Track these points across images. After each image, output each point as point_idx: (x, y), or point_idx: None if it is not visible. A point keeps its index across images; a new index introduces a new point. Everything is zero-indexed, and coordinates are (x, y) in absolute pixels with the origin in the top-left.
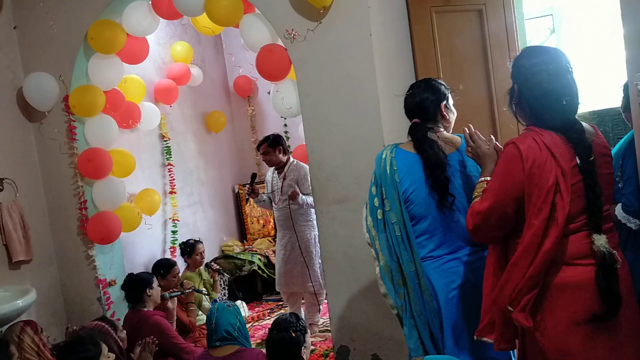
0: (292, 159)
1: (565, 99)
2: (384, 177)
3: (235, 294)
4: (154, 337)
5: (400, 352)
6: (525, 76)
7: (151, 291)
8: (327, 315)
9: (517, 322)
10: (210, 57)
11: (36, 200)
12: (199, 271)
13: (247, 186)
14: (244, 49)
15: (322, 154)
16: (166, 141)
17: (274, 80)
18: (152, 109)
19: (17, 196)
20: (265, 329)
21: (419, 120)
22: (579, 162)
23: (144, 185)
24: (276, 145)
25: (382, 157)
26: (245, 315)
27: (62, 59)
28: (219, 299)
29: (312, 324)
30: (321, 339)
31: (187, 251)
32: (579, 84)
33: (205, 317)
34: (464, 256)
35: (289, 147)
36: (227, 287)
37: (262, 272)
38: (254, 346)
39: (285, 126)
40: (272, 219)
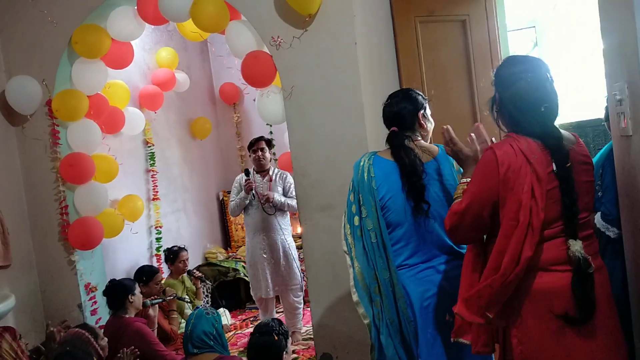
0: (274, 166)
1: (543, 106)
2: (361, 184)
3: (217, 302)
4: (134, 347)
5: None
6: (504, 84)
7: (133, 298)
8: (310, 323)
9: (497, 323)
10: (196, 64)
11: (17, 204)
12: (182, 278)
13: (246, 179)
14: (230, 55)
15: (306, 161)
16: (150, 147)
17: (259, 86)
18: (136, 114)
19: None
20: (247, 337)
21: (397, 128)
22: (555, 168)
23: (127, 191)
24: (270, 145)
25: (360, 165)
26: (227, 323)
27: (46, 63)
28: (201, 307)
29: (295, 332)
30: (304, 347)
31: (170, 258)
32: (560, 94)
33: None
34: (439, 265)
35: (274, 154)
36: (209, 295)
37: (246, 279)
38: (236, 354)
39: (270, 133)
40: None
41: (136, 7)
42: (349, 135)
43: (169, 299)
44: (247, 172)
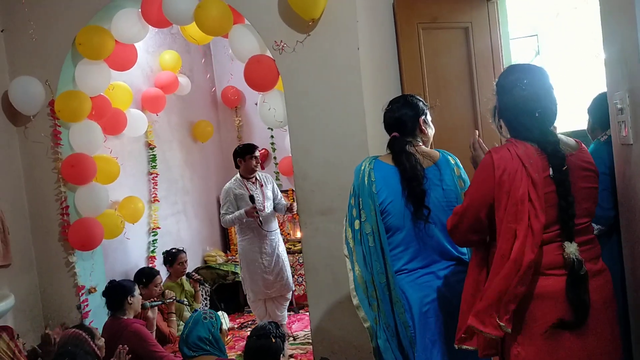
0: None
1: (537, 112)
2: (361, 188)
3: (216, 305)
4: (125, 346)
5: None
6: (503, 92)
7: (132, 299)
8: (309, 327)
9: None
10: (198, 67)
11: (18, 204)
12: (180, 281)
13: (252, 206)
14: (232, 59)
15: (307, 165)
16: (152, 149)
17: (261, 90)
18: (138, 116)
19: None
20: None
21: (398, 134)
22: (552, 172)
23: (127, 192)
24: None
25: (361, 169)
26: (226, 327)
27: (50, 64)
28: (200, 310)
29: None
30: (302, 352)
31: (169, 260)
32: (559, 101)
33: None
34: (439, 270)
35: (275, 158)
36: (208, 298)
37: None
38: (234, 357)
39: (272, 137)
40: None
41: (140, 10)
42: (350, 139)
43: (168, 301)
44: (253, 198)
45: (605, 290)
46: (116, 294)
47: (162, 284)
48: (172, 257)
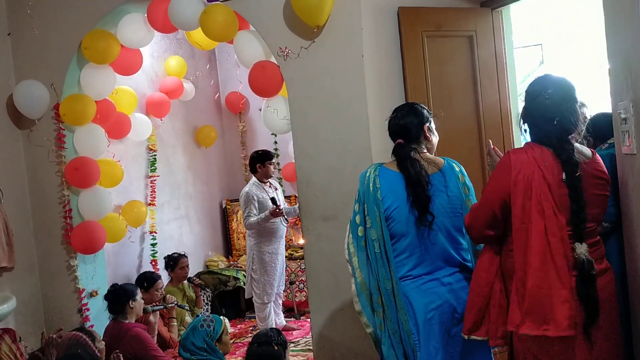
0: None
1: (556, 120)
2: (366, 194)
3: (217, 310)
4: (120, 355)
5: None
6: (529, 98)
7: (134, 303)
8: (310, 333)
9: None
10: (203, 72)
11: (21, 207)
12: (182, 286)
13: (275, 207)
14: (237, 65)
15: (310, 171)
16: (153, 153)
17: (265, 96)
18: (143, 121)
19: (2, 202)
20: (246, 348)
21: (403, 141)
22: (565, 177)
23: (131, 196)
24: None
25: (366, 175)
26: (228, 335)
27: (55, 67)
28: (201, 315)
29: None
30: (303, 358)
31: (170, 264)
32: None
33: None
34: (444, 277)
35: (278, 164)
36: (209, 303)
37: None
38: None
39: (275, 143)
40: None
41: (146, 15)
42: (353, 146)
43: (169, 306)
44: (275, 200)
45: (609, 287)
46: (118, 297)
47: (163, 289)
48: (174, 262)
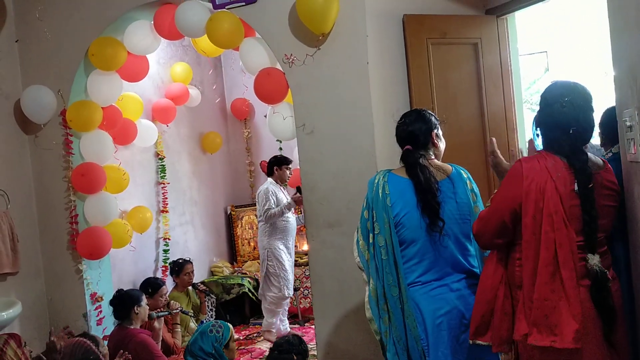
0: None
1: (571, 129)
2: (375, 200)
3: (222, 316)
4: (124, 352)
5: None
6: (544, 105)
7: (139, 309)
8: (314, 340)
9: None
10: (209, 79)
11: (27, 212)
12: (186, 291)
13: (299, 195)
14: (242, 71)
15: (315, 177)
16: (161, 159)
17: (270, 103)
18: (149, 127)
19: (8, 207)
20: (250, 354)
21: (411, 147)
22: (577, 187)
23: (136, 202)
24: None
25: (375, 182)
26: (233, 341)
27: (62, 74)
28: (207, 321)
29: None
30: None
31: (175, 270)
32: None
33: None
34: (452, 283)
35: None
36: (214, 309)
37: (251, 294)
38: None
39: (280, 149)
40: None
41: (153, 22)
42: (358, 153)
43: (174, 312)
44: (299, 188)
45: (617, 297)
46: (123, 303)
47: (167, 295)
48: (179, 268)
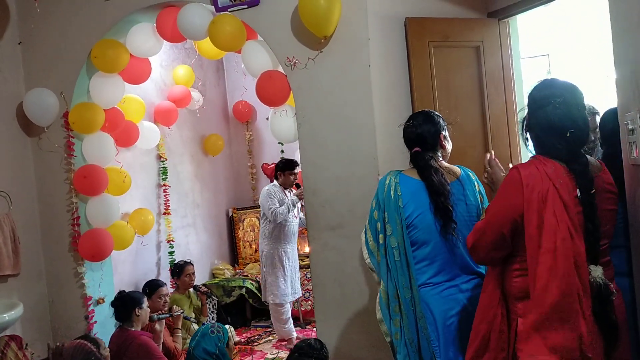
0: None
1: (569, 132)
2: (387, 201)
3: (223, 318)
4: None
5: None
6: (534, 106)
7: (140, 311)
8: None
9: None
10: (211, 81)
11: (29, 214)
12: (188, 294)
13: (300, 190)
14: (244, 74)
15: (316, 180)
16: (163, 162)
17: (272, 105)
18: (151, 129)
19: (10, 209)
20: (251, 356)
21: (419, 149)
22: (579, 194)
23: (138, 204)
24: None
25: (386, 183)
26: (233, 341)
27: (65, 76)
28: (207, 323)
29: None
30: None
31: (176, 272)
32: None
33: None
34: (462, 284)
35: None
36: (215, 311)
37: (251, 297)
38: None
39: (282, 152)
40: None
41: (155, 24)
42: (360, 155)
43: (175, 314)
44: (299, 185)
45: (620, 309)
46: (124, 305)
47: (167, 296)
48: (179, 269)
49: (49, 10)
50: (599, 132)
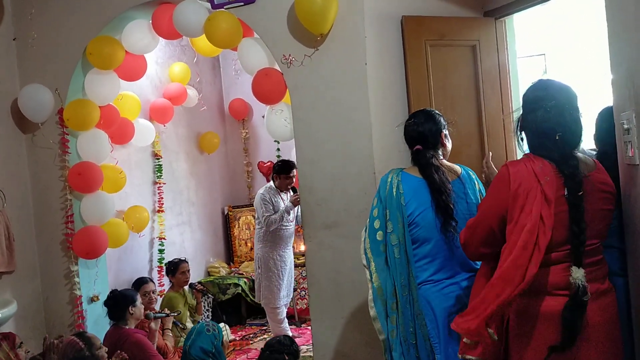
0: None
1: (558, 135)
2: (389, 199)
3: (218, 316)
4: (121, 352)
5: None
6: (527, 108)
7: (134, 309)
8: (310, 342)
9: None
10: (207, 78)
11: (23, 211)
12: (182, 292)
13: (295, 195)
14: (240, 72)
15: (312, 179)
16: (158, 159)
17: (268, 103)
18: (146, 126)
19: (5, 206)
20: (246, 355)
21: (421, 147)
22: (567, 194)
23: (133, 201)
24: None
25: (388, 180)
26: (227, 339)
27: (60, 72)
28: (202, 321)
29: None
30: None
31: (171, 270)
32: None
33: None
34: (462, 281)
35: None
36: (210, 309)
37: (246, 295)
38: None
39: (277, 150)
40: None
41: (151, 21)
42: (356, 154)
43: (171, 315)
44: (295, 189)
45: (610, 309)
46: (117, 304)
47: (154, 293)
48: (174, 267)
49: (44, 6)
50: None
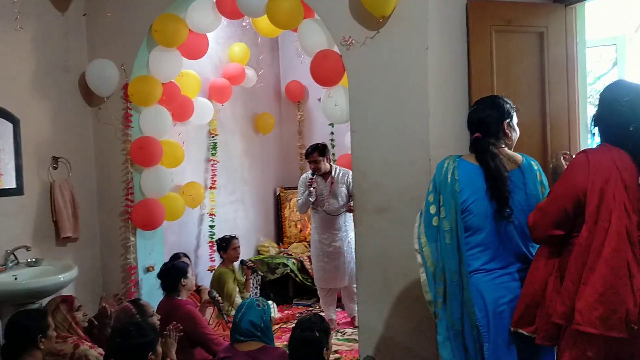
0: (334, 165)
1: (632, 126)
2: (443, 185)
3: (266, 294)
4: (176, 324)
5: None
6: (603, 103)
7: (185, 281)
8: (356, 324)
9: None
10: (265, 60)
11: (87, 181)
12: (232, 268)
13: (310, 178)
14: (299, 53)
15: (366, 163)
16: (214, 137)
17: (326, 85)
18: (205, 105)
19: (70, 175)
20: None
21: (480, 135)
22: None
23: (189, 177)
24: (324, 154)
25: (444, 166)
26: (274, 316)
27: (126, 49)
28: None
29: (354, 318)
30: (348, 348)
31: (222, 246)
32: None
33: None
34: (515, 272)
35: (333, 154)
36: (259, 287)
37: (295, 275)
38: (282, 347)
39: (332, 134)
40: (309, 223)
41: (215, 1)
42: (412, 139)
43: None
44: (314, 172)
45: None
46: (170, 276)
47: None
48: (226, 243)
49: None
50: None
